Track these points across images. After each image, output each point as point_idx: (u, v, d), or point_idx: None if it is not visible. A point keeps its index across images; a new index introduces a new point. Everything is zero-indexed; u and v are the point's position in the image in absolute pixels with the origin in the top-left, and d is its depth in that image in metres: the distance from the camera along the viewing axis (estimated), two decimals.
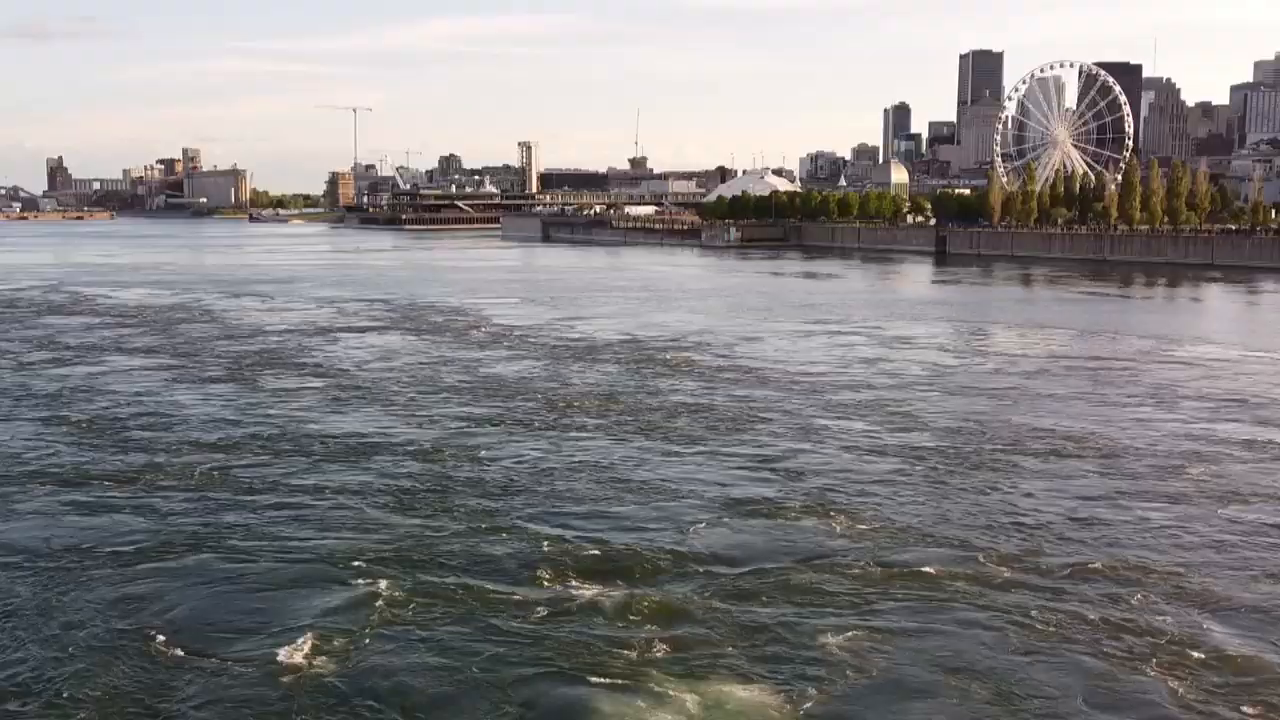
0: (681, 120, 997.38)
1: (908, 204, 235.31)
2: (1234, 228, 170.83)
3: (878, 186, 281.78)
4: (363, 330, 76.82)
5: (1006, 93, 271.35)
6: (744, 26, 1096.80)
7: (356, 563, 27.52)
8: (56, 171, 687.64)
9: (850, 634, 23.41)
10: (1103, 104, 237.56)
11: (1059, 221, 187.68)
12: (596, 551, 28.48)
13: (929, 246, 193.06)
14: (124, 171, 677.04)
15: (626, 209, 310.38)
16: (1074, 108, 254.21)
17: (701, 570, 27.23)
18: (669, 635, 23.47)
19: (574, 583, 26.33)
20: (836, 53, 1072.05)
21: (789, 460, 37.88)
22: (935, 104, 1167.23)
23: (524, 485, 34.74)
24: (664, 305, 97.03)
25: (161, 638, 23.54)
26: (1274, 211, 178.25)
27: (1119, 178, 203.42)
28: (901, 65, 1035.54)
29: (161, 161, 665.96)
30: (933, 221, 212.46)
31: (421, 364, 59.79)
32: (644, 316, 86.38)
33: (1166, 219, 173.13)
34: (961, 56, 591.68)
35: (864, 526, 30.56)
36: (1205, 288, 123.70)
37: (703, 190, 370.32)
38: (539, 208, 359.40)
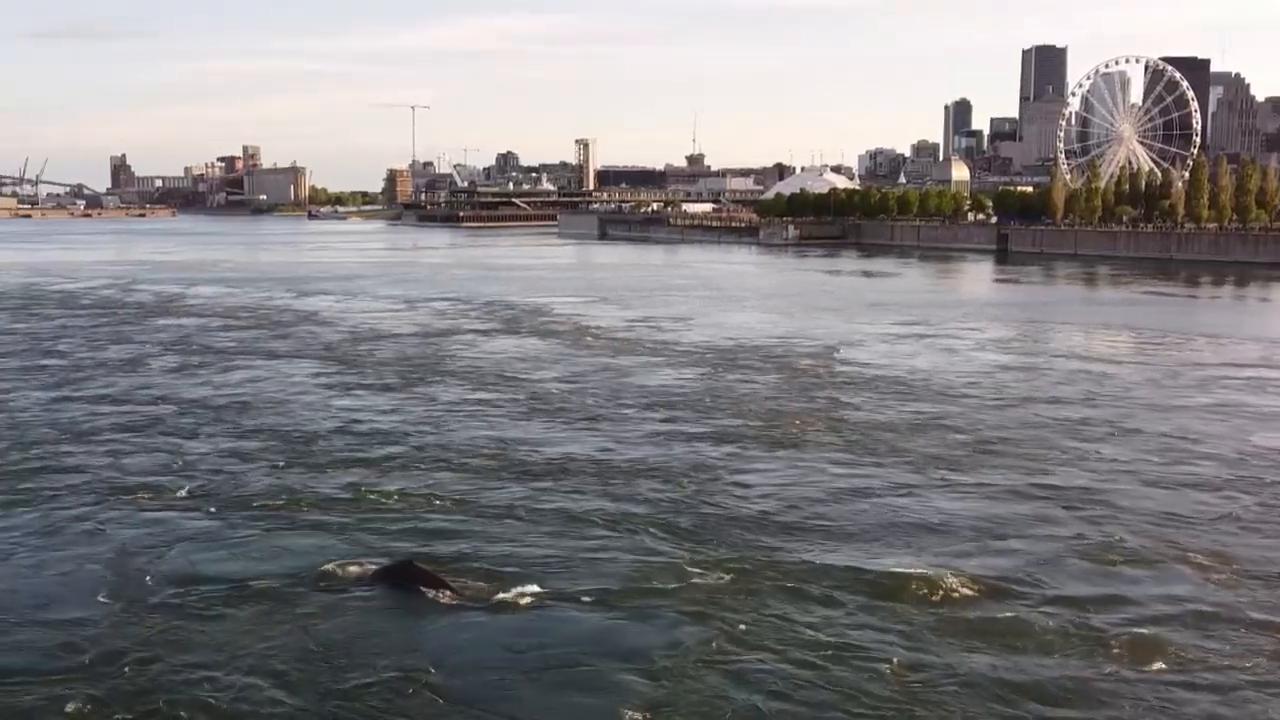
0: (740, 117, 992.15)
1: (968, 201, 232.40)
2: None
3: (938, 184, 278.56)
4: (484, 334, 75.57)
5: (1070, 88, 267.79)
6: (804, 24, 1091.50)
7: (648, 598, 25.76)
8: (120, 169, 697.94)
9: None
10: (1169, 99, 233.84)
11: (1124, 219, 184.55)
12: (924, 595, 25.92)
13: (990, 245, 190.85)
14: (185, 169, 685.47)
15: (684, 206, 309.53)
16: (1139, 103, 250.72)
17: (1076, 625, 24.33)
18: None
19: (917, 633, 23.93)
20: (897, 49, 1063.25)
21: (1084, 493, 34.61)
22: (997, 100, 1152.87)
23: (794, 518, 31.97)
24: (735, 305, 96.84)
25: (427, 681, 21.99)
26: None
27: (1186, 175, 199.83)
28: (962, 61, 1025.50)
29: (222, 159, 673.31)
30: (993, 219, 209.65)
31: (574, 373, 57.84)
32: (721, 316, 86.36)
33: (1235, 217, 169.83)
34: (1024, 52, 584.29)
35: (1253, 579, 27.21)
36: None
37: (760, 188, 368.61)
38: (596, 205, 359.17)
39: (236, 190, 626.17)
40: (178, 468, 37.70)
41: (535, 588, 26.32)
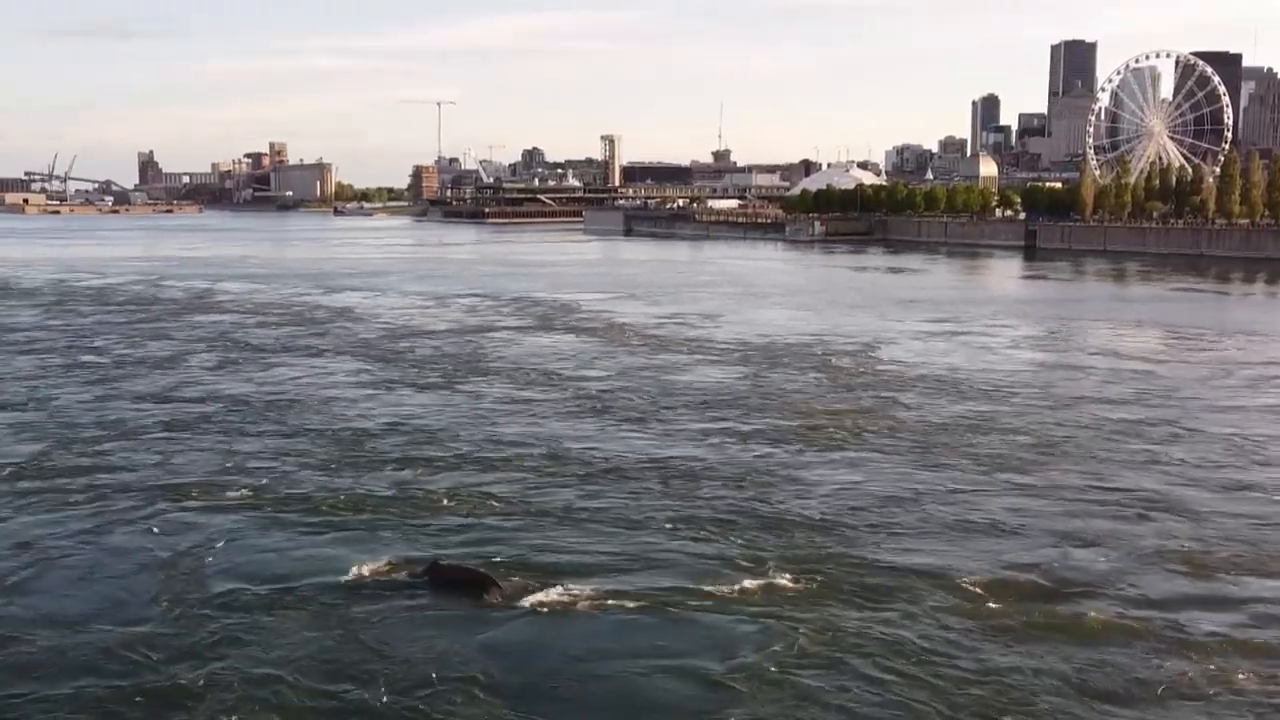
0: (765, 113, 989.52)
1: (996, 197, 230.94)
2: None
3: (965, 179, 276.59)
4: (520, 331, 75.29)
5: (1100, 84, 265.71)
6: (830, 20, 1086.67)
7: (713, 603, 25.13)
8: (147, 166, 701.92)
9: None
10: (1200, 94, 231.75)
11: (1154, 215, 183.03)
12: (1005, 603, 25.12)
13: (1018, 241, 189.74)
14: (212, 165, 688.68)
15: (709, 202, 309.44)
16: (1170, 98, 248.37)
17: (1170, 634, 23.65)
18: None
19: (1001, 642, 23.14)
20: (924, 44, 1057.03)
21: (1159, 496, 33.64)
22: (1025, 96, 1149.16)
23: (862, 521, 31.04)
24: (764, 302, 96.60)
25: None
26: None
27: (1217, 170, 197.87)
28: (991, 56, 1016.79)
29: (249, 155, 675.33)
30: (1022, 215, 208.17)
31: (616, 371, 57.41)
32: (751, 313, 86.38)
33: (1267, 213, 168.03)
34: (1053, 47, 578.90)
35: None
36: None
37: (786, 183, 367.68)
38: (621, 201, 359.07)
39: (263, 186, 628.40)
40: (227, 467, 37.49)
41: (596, 591, 25.80)
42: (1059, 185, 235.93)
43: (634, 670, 22.14)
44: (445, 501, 33.19)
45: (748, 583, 26.23)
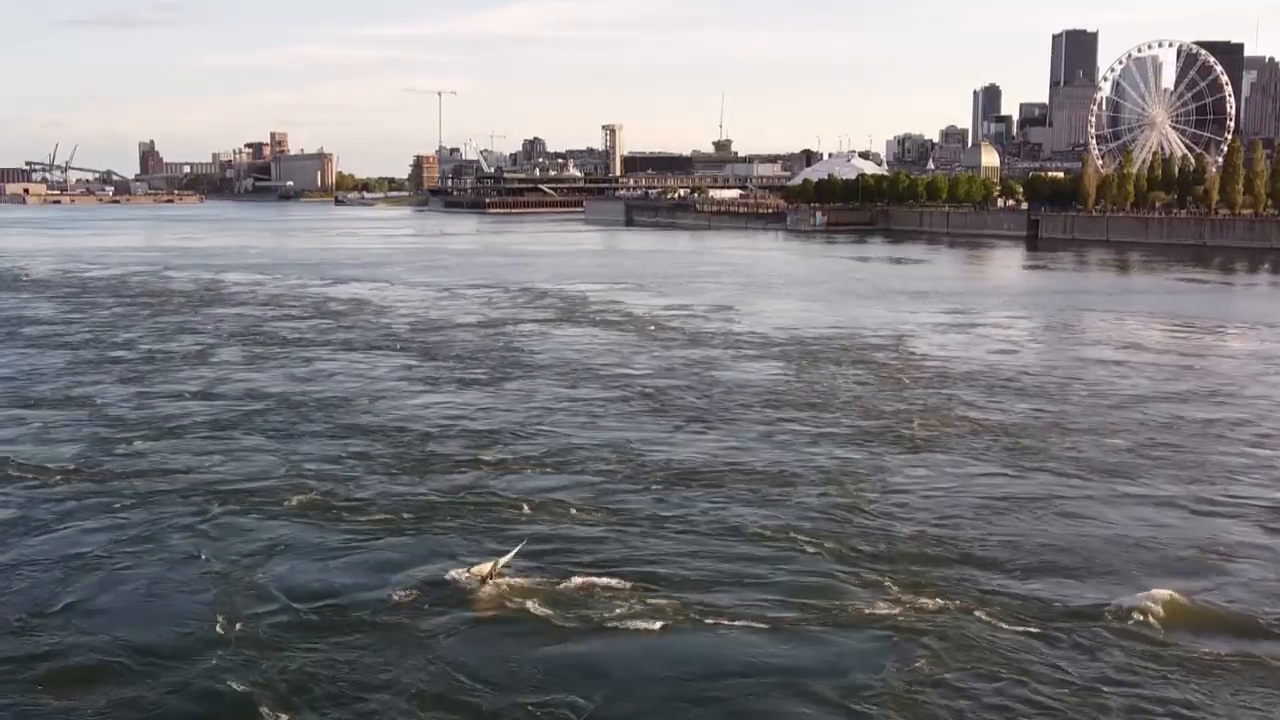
0: (767, 103, 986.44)
1: (998, 187, 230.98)
2: None
3: (967, 169, 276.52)
4: (542, 324, 74.21)
5: (1101, 73, 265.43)
6: (830, 8, 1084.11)
7: (815, 619, 23.87)
8: (148, 155, 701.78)
9: None
10: (1203, 84, 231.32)
11: (1157, 205, 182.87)
12: (1143, 622, 23.61)
13: (1020, 231, 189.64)
14: (213, 155, 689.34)
15: (710, 192, 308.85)
16: (1172, 88, 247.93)
17: None
18: None
19: (1144, 669, 21.71)
20: (925, 33, 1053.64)
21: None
22: (1026, 85, 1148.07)
23: (965, 531, 29.45)
24: (772, 293, 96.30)
25: None
26: None
27: (1220, 160, 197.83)
28: (992, 46, 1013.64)
29: (249, 145, 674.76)
30: (1024, 205, 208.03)
31: (655, 367, 55.98)
32: (761, 304, 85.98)
33: (1271, 203, 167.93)
34: (1054, 36, 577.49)
35: None
36: None
37: (788, 173, 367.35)
38: (622, 191, 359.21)
39: (264, 176, 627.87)
40: (279, 470, 36.11)
41: (687, 604, 24.42)
42: (1061, 175, 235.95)
43: (737, 691, 20.98)
44: (520, 509, 31.45)
45: (857, 596, 24.97)
